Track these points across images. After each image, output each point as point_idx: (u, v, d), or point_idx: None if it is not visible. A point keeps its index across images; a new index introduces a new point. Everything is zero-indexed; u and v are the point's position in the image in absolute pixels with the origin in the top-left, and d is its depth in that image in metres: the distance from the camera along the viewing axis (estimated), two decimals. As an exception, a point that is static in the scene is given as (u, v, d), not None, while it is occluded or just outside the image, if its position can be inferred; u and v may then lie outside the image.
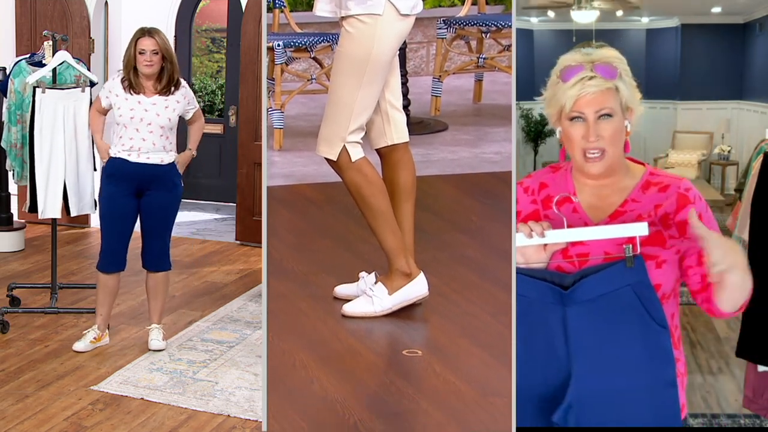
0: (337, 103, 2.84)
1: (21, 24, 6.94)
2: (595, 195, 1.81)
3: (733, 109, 9.15)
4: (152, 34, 3.81)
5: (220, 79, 9.84)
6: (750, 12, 8.65)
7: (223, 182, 8.23)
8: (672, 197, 1.76)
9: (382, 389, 3.02)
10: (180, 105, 3.90)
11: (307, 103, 4.13)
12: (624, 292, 1.69)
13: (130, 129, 3.82)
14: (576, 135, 1.73)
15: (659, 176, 1.81)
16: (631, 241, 1.69)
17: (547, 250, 1.75)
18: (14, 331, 4.25)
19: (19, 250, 6.03)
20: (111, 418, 3.29)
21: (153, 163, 3.85)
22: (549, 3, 8.03)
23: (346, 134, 2.82)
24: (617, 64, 1.75)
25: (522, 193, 1.89)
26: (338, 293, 3.06)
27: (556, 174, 1.88)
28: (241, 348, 4.12)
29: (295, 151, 3.80)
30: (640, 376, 1.71)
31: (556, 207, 1.78)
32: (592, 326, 1.71)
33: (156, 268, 4.04)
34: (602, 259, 1.73)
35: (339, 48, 2.85)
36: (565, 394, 1.72)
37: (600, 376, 1.71)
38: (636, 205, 1.77)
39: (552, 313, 1.73)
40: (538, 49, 9.08)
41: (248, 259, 6.07)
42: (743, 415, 3.53)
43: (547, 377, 1.74)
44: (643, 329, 1.70)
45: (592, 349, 1.71)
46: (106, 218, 3.93)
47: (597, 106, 1.71)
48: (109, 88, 3.92)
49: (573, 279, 1.72)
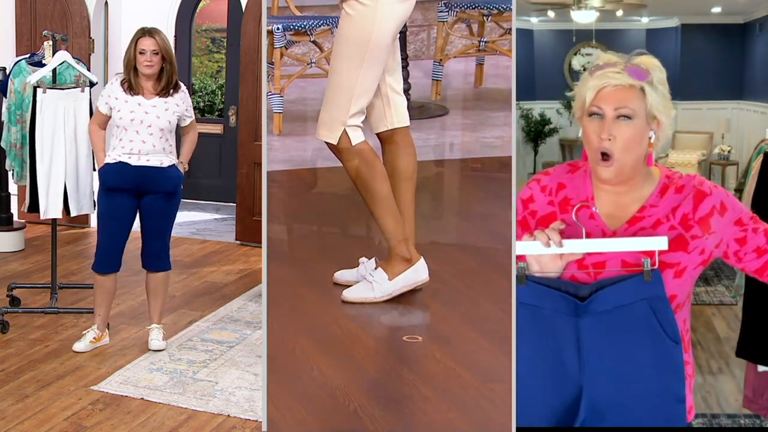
0: (337, 87, 2.80)
1: (21, 24, 6.94)
2: (613, 202, 1.75)
3: (733, 109, 9.14)
4: (153, 35, 3.80)
5: (220, 79, 9.84)
6: (750, 12, 8.64)
7: (223, 182, 8.23)
8: (689, 196, 1.71)
9: (382, 375, 2.96)
10: (179, 108, 3.90)
11: (307, 87, 4.11)
12: (639, 305, 1.66)
13: (130, 131, 3.82)
14: (591, 132, 1.67)
15: (673, 178, 1.75)
16: (649, 254, 1.65)
17: (563, 259, 1.71)
18: (14, 331, 4.25)
19: (19, 250, 6.03)
20: (111, 418, 3.29)
21: (153, 166, 3.85)
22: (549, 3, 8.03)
23: (346, 118, 2.79)
24: (652, 70, 1.68)
25: (539, 192, 1.82)
26: (338, 279, 3.02)
27: (575, 174, 1.81)
28: (241, 348, 4.12)
29: (294, 136, 3.78)
30: (650, 390, 1.69)
31: (575, 216, 1.73)
32: (606, 339, 1.68)
33: (156, 268, 4.04)
34: (619, 270, 1.69)
35: (339, 31, 2.80)
36: (575, 405, 1.70)
37: (611, 389, 1.69)
38: (654, 210, 1.72)
39: (565, 323, 1.69)
40: (538, 49, 9.08)
41: (248, 259, 6.07)
42: (743, 415, 3.52)
43: (559, 391, 1.72)
44: (656, 344, 1.68)
45: (605, 362, 1.69)
46: (104, 219, 3.92)
47: (617, 103, 1.64)
48: (108, 92, 3.89)
49: (589, 290, 1.68)
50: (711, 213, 1.70)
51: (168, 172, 3.90)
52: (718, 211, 1.70)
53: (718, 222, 1.70)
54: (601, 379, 1.69)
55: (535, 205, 1.82)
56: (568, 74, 9.17)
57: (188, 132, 4.06)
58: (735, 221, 1.71)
